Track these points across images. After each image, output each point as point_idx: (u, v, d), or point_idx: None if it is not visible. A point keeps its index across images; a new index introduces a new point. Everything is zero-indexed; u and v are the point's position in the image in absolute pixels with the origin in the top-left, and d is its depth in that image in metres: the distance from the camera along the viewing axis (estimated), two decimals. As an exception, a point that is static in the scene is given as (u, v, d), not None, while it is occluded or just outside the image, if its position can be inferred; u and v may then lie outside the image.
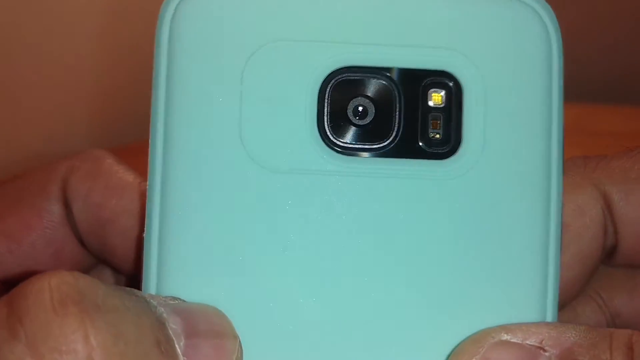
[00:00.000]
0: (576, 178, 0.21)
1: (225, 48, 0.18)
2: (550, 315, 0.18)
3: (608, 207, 0.21)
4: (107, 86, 0.81)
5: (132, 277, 0.21)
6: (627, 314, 0.23)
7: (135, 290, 0.16)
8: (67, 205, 0.22)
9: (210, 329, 0.16)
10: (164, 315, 0.16)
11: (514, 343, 0.17)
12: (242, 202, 0.18)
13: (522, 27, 0.18)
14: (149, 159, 0.18)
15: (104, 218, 0.21)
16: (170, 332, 0.15)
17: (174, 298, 0.17)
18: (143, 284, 0.18)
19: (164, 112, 0.18)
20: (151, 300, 0.16)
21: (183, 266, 0.18)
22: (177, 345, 0.15)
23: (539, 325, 0.17)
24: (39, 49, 0.73)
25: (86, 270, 0.23)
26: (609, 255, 0.22)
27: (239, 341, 0.17)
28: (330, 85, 0.18)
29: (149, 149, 0.18)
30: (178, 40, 0.18)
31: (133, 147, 0.80)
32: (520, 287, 0.18)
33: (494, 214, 0.18)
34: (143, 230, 0.18)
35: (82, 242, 0.22)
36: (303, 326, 0.18)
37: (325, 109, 0.18)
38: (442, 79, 0.18)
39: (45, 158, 0.75)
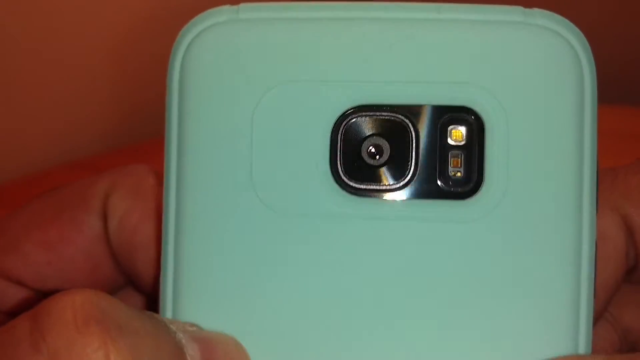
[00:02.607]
0: None
1: (235, 90, 0.17)
2: (582, 348, 0.17)
3: (629, 230, 0.20)
4: (121, 85, 0.81)
5: (157, 301, 0.21)
6: (637, 329, 0.22)
7: (156, 315, 0.16)
8: (105, 221, 0.21)
9: (227, 358, 0.16)
10: (183, 341, 0.16)
11: None
12: (253, 244, 0.17)
13: (549, 57, 0.17)
14: (163, 197, 0.18)
15: (136, 243, 0.21)
16: (189, 358, 0.15)
17: (192, 324, 0.17)
18: (160, 307, 0.18)
19: (176, 153, 0.18)
20: (171, 326, 0.16)
21: (197, 298, 0.17)
22: None
23: None
24: (53, 50, 0.73)
25: (118, 289, 0.22)
26: (627, 274, 0.21)
27: None
28: (343, 126, 0.17)
29: (163, 187, 0.18)
30: (189, 82, 0.17)
31: (146, 147, 0.80)
32: (552, 324, 0.17)
33: (520, 254, 0.17)
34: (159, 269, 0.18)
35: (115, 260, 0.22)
36: (313, 357, 0.17)
37: (338, 150, 0.17)
38: (462, 114, 0.17)
39: (58, 159, 0.74)
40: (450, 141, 0.17)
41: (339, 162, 0.17)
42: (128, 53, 0.82)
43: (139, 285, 0.22)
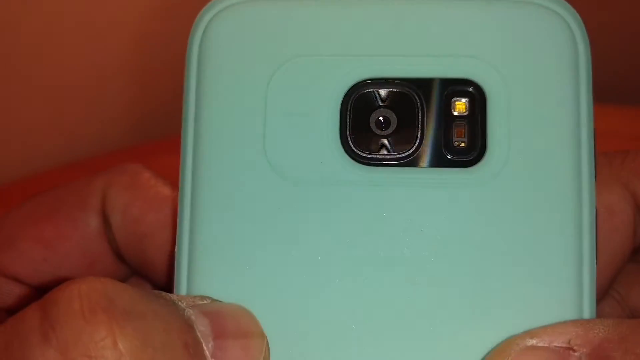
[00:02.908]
0: (603, 177, 0.20)
1: (251, 64, 0.18)
2: (587, 313, 0.17)
3: (638, 207, 0.20)
4: (121, 86, 0.81)
5: (169, 290, 0.21)
6: None
7: (164, 293, 0.16)
8: (105, 219, 0.22)
9: (238, 329, 0.16)
10: (192, 317, 0.16)
11: (541, 347, 0.17)
12: (266, 212, 0.18)
13: (547, 33, 0.18)
14: (179, 170, 0.18)
15: (142, 232, 0.21)
16: (199, 334, 0.15)
17: (203, 297, 0.17)
18: (175, 284, 0.18)
19: (193, 126, 0.18)
20: (179, 303, 0.16)
21: (211, 267, 0.18)
22: (205, 347, 0.15)
23: (565, 325, 0.17)
24: (52, 51, 0.73)
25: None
26: (634, 252, 0.21)
27: (267, 340, 0.17)
28: (352, 98, 0.18)
29: (180, 161, 0.18)
30: (207, 57, 0.18)
31: (146, 148, 0.80)
32: (555, 287, 0.17)
33: (522, 220, 0.17)
34: (174, 244, 0.18)
35: (118, 255, 0.22)
36: (325, 325, 0.18)
37: (348, 121, 0.18)
38: (464, 87, 0.18)
39: (58, 159, 0.74)
40: (454, 112, 0.18)
41: (348, 133, 0.18)
42: (128, 54, 0.82)
43: (149, 272, 0.22)
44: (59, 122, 0.76)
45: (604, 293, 0.21)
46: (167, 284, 0.22)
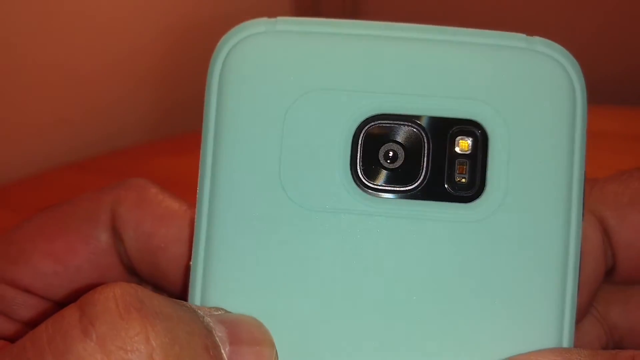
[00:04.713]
0: None
1: (269, 95, 0.19)
2: (566, 342, 0.19)
3: (605, 231, 0.22)
4: (122, 87, 0.81)
5: (183, 300, 0.22)
6: (623, 326, 0.24)
7: (184, 302, 0.18)
8: (116, 234, 0.23)
9: (251, 337, 0.18)
10: (211, 324, 0.17)
11: None
12: (279, 236, 0.19)
13: (547, 79, 0.19)
14: (197, 192, 0.19)
15: (155, 246, 0.23)
16: (217, 339, 0.17)
17: (217, 309, 0.19)
18: (189, 295, 0.19)
19: (212, 150, 0.19)
20: (198, 311, 0.17)
21: (225, 283, 0.19)
22: (223, 351, 0.17)
23: (544, 353, 0.18)
24: (52, 52, 0.73)
25: None
26: (608, 274, 0.23)
27: (276, 350, 0.18)
28: (363, 132, 0.19)
29: (198, 181, 0.20)
30: (227, 86, 0.19)
31: (145, 148, 0.79)
32: (539, 318, 0.19)
33: (515, 253, 0.19)
34: (190, 259, 0.20)
35: (127, 267, 0.23)
36: (327, 343, 0.19)
37: (358, 154, 0.19)
38: (469, 127, 0.19)
39: (58, 159, 0.75)
40: (457, 150, 0.19)
41: (358, 164, 0.19)
42: (128, 56, 0.82)
43: (163, 283, 0.23)
44: (59, 122, 0.76)
45: (583, 313, 0.23)
46: (181, 294, 0.23)
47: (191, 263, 0.19)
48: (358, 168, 0.19)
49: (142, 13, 0.83)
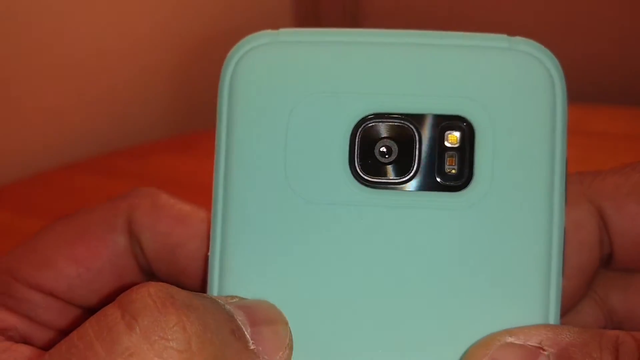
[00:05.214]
0: (573, 194, 0.23)
1: (275, 100, 0.21)
2: (552, 319, 0.20)
3: (603, 220, 0.23)
4: (122, 88, 0.81)
5: (203, 292, 0.24)
6: (622, 311, 0.25)
7: (205, 294, 0.20)
8: (132, 237, 0.25)
9: (267, 317, 0.20)
10: (231, 310, 0.19)
11: (517, 344, 0.20)
12: (286, 227, 0.21)
13: (528, 76, 0.21)
14: (213, 187, 0.22)
15: (173, 243, 0.25)
16: (239, 323, 0.19)
17: (233, 297, 0.21)
18: (208, 287, 0.22)
19: (225, 151, 0.21)
20: (218, 300, 0.20)
21: (239, 275, 0.21)
22: (246, 332, 0.19)
23: (539, 328, 0.20)
24: (52, 54, 0.73)
25: None
26: (606, 261, 0.24)
27: (289, 326, 0.20)
28: (360, 130, 0.21)
29: (213, 178, 0.22)
30: (236, 94, 0.21)
31: (146, 148, 0.79)
32: (526, 296, 0.20)
33: (502, 236, 0.20)
34: (208, 250, 0.22)
35: (144, 269, 0.26)
36: (332, 324, 0.21)
37: (356, 150, 0.21)
38: (457, 122, 0.21)
39: (58, 159, 0.75)
40: (447, 144, 0.21)
41: (356, 160, 0.21)
42: (133, 57, 0.82)
43: (182, 279, 0.25)
44: (59, 122, 0.76)
45: (581, 296, 0.24)
46: (201, 287, 0.25)
47: (209, 254, 0.21)
48: (356, 163, 0.21)
49: (153, 26, 0.83)
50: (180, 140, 0.76)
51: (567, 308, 0.23)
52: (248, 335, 0.19)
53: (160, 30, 0.84)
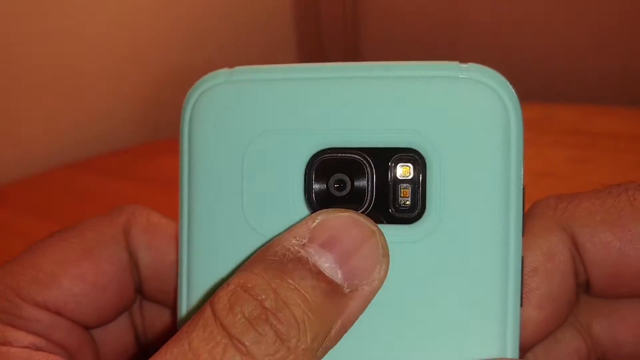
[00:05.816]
0: (546, 221, 0.22)
1: (230, 137, 0.22)
2: (510, 351, 0.20)
3: (576, 248, 0.22)
4: (122, 88, 0.81)
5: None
6: (606, 339, 0.24)
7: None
8: (130, 254, 0.25)
9: (353, 244, 0.20)
10: (327, 268, 0.19)
11: None
12: (241, 260, 0.21)
13: (478, 105, 0.20)
14: (179, 218, 0.22)
15: (170, 262, 0.25)
16: (329, 278, 0.19)
17: (315, 217, 0.20)
18: (178, 301, 0.22)
19: (187, 192, 0.22)
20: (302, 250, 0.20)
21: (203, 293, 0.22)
22: (338, 282, 0.19)
23: None
24: (52, 54, 0.73)
25: (132, 305, 0.27)
26: (586, 288, 0.23)
27: (378, 234, 0.20)
28: (314, 164, 0.21)
29: (179, 211, 0.22)
30: (195, 132, 0.22)
31: (144, 149, 0.79)
32: (482, 329, 0.20)
33: (456, 268, 0.20)
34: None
35: (136, 287, 0.26)
36: None
37: (311, 184, 0.21)
38: (408, 154, 0.21)
39: (58, 159, 0.74)
40: (399, 176, 0.21)
41: (312, 194, 0.21)
42: (129, 59, 0.82)
43: (169, 299, 0.26)
44: (59, 122, 0.76)
45: (556, 326, 0.23)
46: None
47: (178, 282, 0.22)
48: (312, 196, 0.21)
49: (144, 19, 0.83)
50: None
51: (541, 337, 0.23)
52: (338, 281, 0.19)
53: (172, 29, 0.84)
